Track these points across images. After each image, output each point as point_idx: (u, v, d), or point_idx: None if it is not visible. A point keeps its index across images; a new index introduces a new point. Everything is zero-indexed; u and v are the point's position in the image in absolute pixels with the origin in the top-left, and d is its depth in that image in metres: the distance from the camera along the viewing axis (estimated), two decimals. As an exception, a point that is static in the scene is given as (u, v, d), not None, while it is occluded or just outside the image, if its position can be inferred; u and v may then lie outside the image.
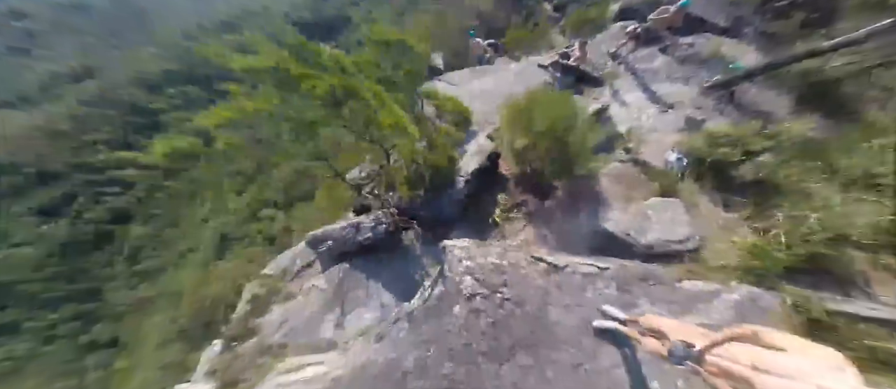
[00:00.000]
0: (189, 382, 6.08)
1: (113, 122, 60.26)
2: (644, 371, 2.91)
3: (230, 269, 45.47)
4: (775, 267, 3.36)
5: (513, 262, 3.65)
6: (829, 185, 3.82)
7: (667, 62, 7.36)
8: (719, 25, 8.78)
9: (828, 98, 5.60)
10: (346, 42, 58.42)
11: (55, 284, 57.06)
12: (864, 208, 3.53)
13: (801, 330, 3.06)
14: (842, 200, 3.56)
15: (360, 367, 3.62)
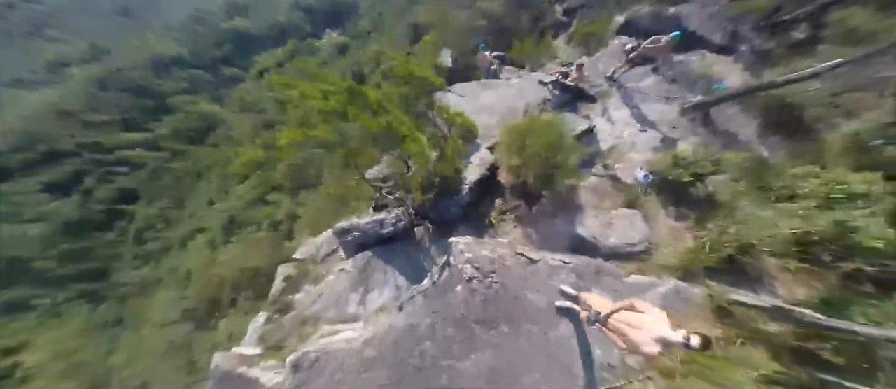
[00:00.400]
0: (240, 345, 7.58)
1: (122, 104, 62.74)
2: (589, 339, 4.16)
3: (238, 253, 47.88)
4: (702, 266, 4.53)
5: (501, 255, 4.90)
6: (757, 202, 4.92)
7: (656, 81, 8.35)
8: (715, 43, 9.65)
9: (791, 123, 6.59)
10: (353, 29, 58.87)
11: (63, 263, 60.79)
12: (781, 221, 4.64)
13: (711, 315, 4.26)
14: (762, 215, 4.66)
15: (386, 330, 4.96)
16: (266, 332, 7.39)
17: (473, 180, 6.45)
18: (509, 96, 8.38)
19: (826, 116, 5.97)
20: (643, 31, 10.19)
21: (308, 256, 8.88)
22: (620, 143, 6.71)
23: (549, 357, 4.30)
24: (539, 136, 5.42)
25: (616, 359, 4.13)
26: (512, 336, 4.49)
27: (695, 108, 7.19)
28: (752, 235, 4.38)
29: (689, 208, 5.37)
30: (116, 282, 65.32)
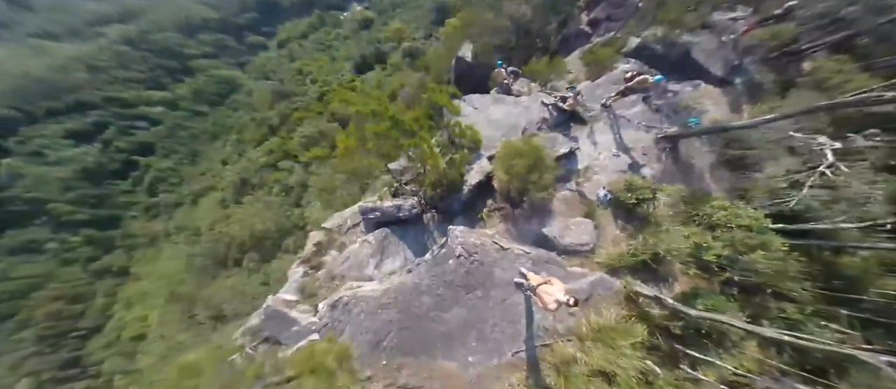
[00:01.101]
0: (283, 291, 10.18)
1: (148, 63, 66.92)
2: (533, 307, 6.38)
3: (249, 213, 51.62)
4: (625, 266, 6.62)
5: (483, 242, 7.12)
6: (676, 224, 6.90)
7: (643, 110, 10.11)
8: (714, 74, 11.17)
9: (736, 162, 8.38)
10: (378, 4, 59.85)
11: (79, 208, 67.03)
12: (692, 238, 6.63)
13: (621, 300, 6.40)
14: (679, 232, 6.66)
15: (397, 286, 7.32)
16: (303, 284, 9.99)
17: (473, 183, 8.62)
18: (515, 113, 10.33)
19: (761, 160, 7.73)
20: (654, 56, 11.74)
21: (335, 227, 11.38)
22: (594, 164, 8.67)
23: (505, 316, 6.58)
24: (524, 157, 7.48)
25: (549, 323, 6.36)
26: (482, 299, 6.77)
27: (666, 139, 9.01)
28: (663, 247, 6.41)
29: (631, 223, 7.39)
30: (127, 232, 71.44)
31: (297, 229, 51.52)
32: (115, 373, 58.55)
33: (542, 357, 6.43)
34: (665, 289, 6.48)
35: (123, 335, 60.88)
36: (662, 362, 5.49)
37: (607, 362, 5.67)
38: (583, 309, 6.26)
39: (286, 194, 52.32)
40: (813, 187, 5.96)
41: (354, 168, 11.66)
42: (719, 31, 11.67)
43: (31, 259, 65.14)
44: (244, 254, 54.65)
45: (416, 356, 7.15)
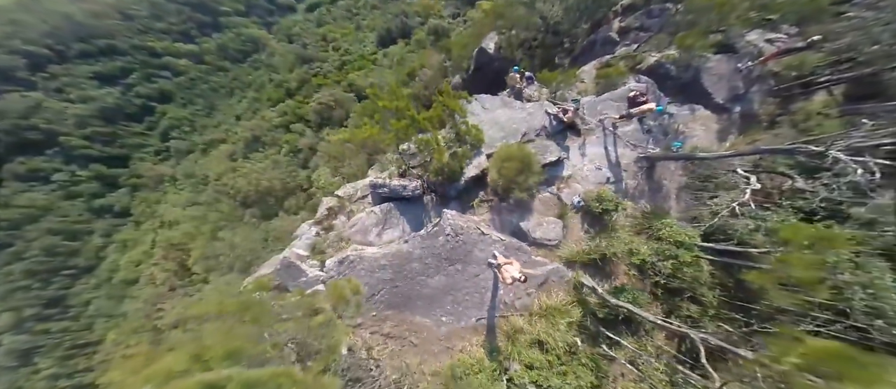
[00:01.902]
0: (296, 246, 12.28)
1: (181, 15, 69.25)
2: (499, 284, 8.32)
3: (257, 169, 54.74)
4: (579, 261, 8.48)
5: (469, 226, 9.03)
6: (632, 233, 8.67)
7: (634, 129, 11.67)
8: (715, 100, 12.53)
9: (698, 186, 10.01)
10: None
11: (91, 143, 70.79)
12: (641, 247, 8.42)
13: (570, 289, 8.29)
14: (622, 239, 8.45)
15: (394, 252, 9.34)
16: (314, 242, 12.07)
17: (470, 176, 10.46)
18: (518, 118, 12.02)
19: (716, 188, 9.37)
20: (667, 76, 12.98)
21: (346, 195, 13.39)
22: (577, 174, 10.40)
23: (476, 288, 8.57)
24: (514, 161, 9.27)
25: (508, 299, 8.31)
26: (460, 272, 8.75)
27: (646, 159, 10.64)
28: (610, 250, 8.23)
29: (594, 227, 9.19)
30: (134, 171, 75.34)
31: (300, 190, 54.42)
32: (99, 316, 62.87)
33: (498, 325, 8.45)
34: (606, 284, 8.34)
35: (116, 277, 65.23)
36: (587, 339, 7.43)
37: (546, 334, 7.65)
38: (536, 290, 8.20)
39: (294, 155, 55.17)
40: (736, 216, 7.60)
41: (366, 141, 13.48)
42: (739, 57, 12.79)
43: (36, 188, 69.87)
44: (246, 209, 58.02)
45: (400, 310, 9.26)
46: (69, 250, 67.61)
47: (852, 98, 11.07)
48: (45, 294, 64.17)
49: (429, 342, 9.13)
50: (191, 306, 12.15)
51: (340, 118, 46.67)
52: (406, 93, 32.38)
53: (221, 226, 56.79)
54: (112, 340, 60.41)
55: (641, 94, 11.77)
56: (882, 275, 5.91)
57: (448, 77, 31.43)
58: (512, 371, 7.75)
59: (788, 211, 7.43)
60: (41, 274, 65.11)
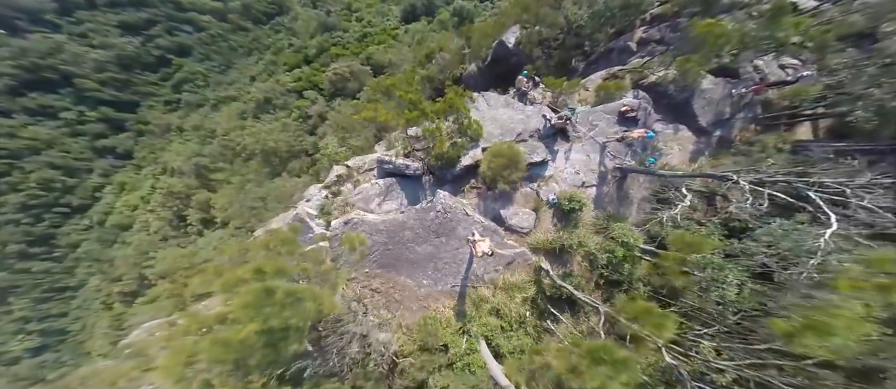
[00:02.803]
0: (307, 206, 14.47)
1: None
2: (472, 257, 10.46)
3: (265, 129, 57.17)
4: (543, 249, 10.57)
5: (457, 207, 11.12)
6: (592, 231, 10.70)
7: (618, 140, 13.52)
8: (699, 123, 14.23)
9: (657, 198, 11.92)
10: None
11: (104, 87, 73.18)
12: (589, 241, 10.47)
13: (531, 270, 10.41)
14: (582, 235, 10.49)
15: (391, 220, 11.51)
16: (323, 203, 14.22)
17: (465, 164, 12.47)
18: (517, 119, 13.93)
19: (661, 202, 11.30)
20: (663, 94, 14.55)
21: (355, 166, 15.47)
22: (558, 175, 12.36)
23: (454, 259, 10.71)
24: (503, 158, 11.26)
25: (480, 273, 10.44)
26: (444, 244, 10.87)
27: (621, 170, 12.55)
28: (568, 242, 10.28)
29: (561, 222, 11.22)
30: (141, 118, 77.86)
31: (305, 155, 56.68)
32: (85, 260, 65.40)
33: (468, 293, 10.61)
34: (560, 269, 10.43)
35: (109, 220, 67.94)
36: (535, 313, 9.57)
37: (503, 305, 9.80)
38: (503, 268, 10.32)
39: (303, 121, 57.35)
40: (672, 226, 9.56)
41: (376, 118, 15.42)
42: (736, 83, 14.32)
43: (43, 123, 72.82)
44: (248, 164, 60.55)
45: (388, 270, 11.46)
46: (66, 186, 70.59)
47: (834, 134, 12.59)
48: (33, 230, 66.96)
49: (409, 300, 11.36)
50: (249, 243, 14.31)
51: (354, 90, 48.39)
52: (422, 75, 33.79)
53: (216, 182, 59.48)
54: (94, 286, 64.32)
55: (632, 110, 13.60)
56: (727, 272, 8.00)
57: (464, 64, 32.95)
58: (472, 330, 9.97)
59: (714, 226, 9.36)
60: (34, 208, 68.05)
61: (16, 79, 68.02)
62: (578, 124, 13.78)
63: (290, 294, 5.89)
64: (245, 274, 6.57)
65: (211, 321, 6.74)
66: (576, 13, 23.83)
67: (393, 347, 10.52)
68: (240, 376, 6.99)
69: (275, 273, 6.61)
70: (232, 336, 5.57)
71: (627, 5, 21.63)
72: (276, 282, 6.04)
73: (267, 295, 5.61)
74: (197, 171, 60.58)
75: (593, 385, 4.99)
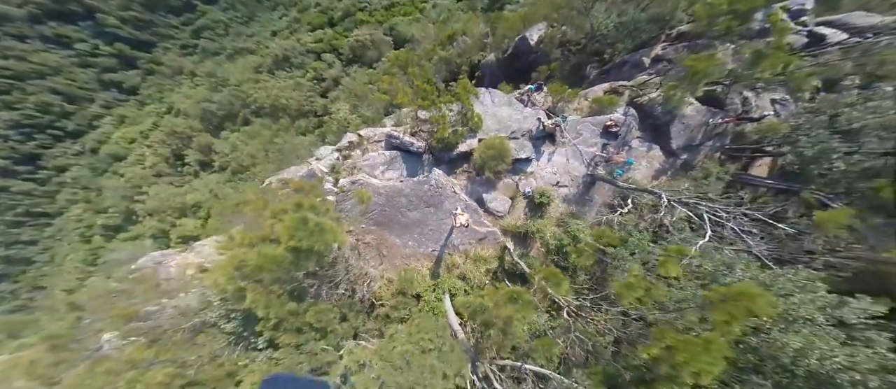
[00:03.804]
0: (320, 164, 17.13)
1: None
2: (452, 228, 13.14)
3: (279, 85, 60.23)
4: (512, 232, 13.23)
5: (448, 184, 13.75)
6: (554, 224, 13.30)
7: (596, 151, 15.94)
8: (671, 145, 16.52)
9: (615, 205, 14.44)
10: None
11: (124, 25, 75.40)
12: (546, 231, 13.08)
13: (498, 248, 13.09)
14: (547, 225, 13.11)
15: (390, 186, 14.16)
16: (334, 164, 16.83)
17: (461, 150, 14.97)
18: (515, 118, 16.31)
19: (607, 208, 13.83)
20: (649, 114, 16.75)
21: (366, 136, 18.01)
22: (538, 172, 14.86)
23: (438, 228, 13.40)
24: (493, 150, 13.76)
25: (456, 242, 13.10)
26: (432, 213, 13.53)
27: (591, 177, 15.03)
28: (531, 228, 12.89)
29: (532, 212, 13.81)
30: (155, 58, 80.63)
31: (313, 115, 59.01)
32: (71, 186, 66.95)
33: (444, 258, 13.30)
34: (521, 250, 13.07)
35: (103, 149, 70.15)
36: (494, 282, 12.25)
37: (470, 272, 12.51)
38: (476, 243, 12.99)
39: (317, 82, 59.43)
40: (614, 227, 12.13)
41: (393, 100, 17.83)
42: (715, 113, 16.45)
43: (55, 51, 75.15)
44: (256, 118, 63.01)
45: (381, 228, 14.14)
46: (63, 111, 72.64)
47: (782, 172, 14.77)
48: (22, 148, 68.90)
49: (394, 256, 14.09)
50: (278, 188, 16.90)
51: (372, 59, 50.27)
52: (441, 56, 35.69)
53: (220, 127, 61.77)
54: (75, 215, 65.83)
55: (616, 125, 15.95)
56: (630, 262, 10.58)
57: (484, 52, 34.83)
58: (441, 287, 12.72)
59: (647, 232, 11.92)
60: (27, 127, 70.06)
61: (40, 8, 69.92)
62: (567, 131, 16.18)
63: (318, 225, 8.53)
64: (288, 206, 9.22)
65: (256, 239, 9.45)
66: (603, 22, 24.80)
67: (375, 288, 13.35)
68: (264, 285, 9.79)
69: (309, 208, 9.23)
70: (271, 251, 8.26)
71: (656, 18, 22.66)
72: (309, 215, 8.67)
73: (303, 223, 8.23)
74: (203, 115, 62.85)
75: (506, 314, 7.64)
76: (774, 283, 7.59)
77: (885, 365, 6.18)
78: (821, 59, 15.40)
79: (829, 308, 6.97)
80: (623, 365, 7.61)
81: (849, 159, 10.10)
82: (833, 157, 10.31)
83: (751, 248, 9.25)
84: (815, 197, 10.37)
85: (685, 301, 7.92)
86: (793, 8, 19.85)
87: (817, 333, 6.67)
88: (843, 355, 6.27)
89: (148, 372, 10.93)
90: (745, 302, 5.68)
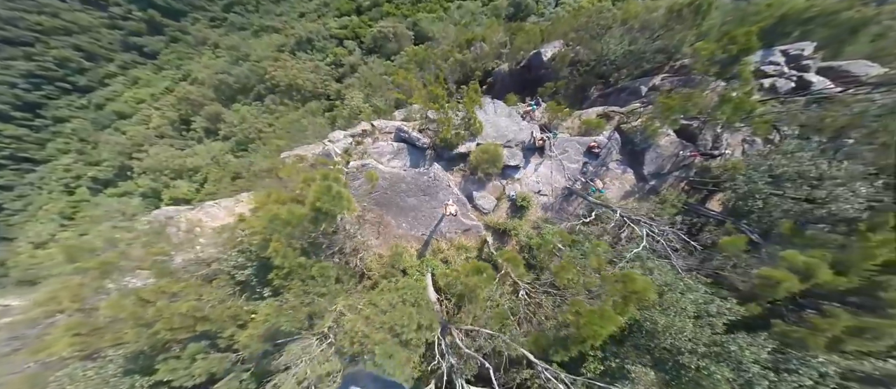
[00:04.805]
0: (333, 145, 19.86)
1: None
2: (442, 217, 15.82)
3: (298, 65, 63.53)
4: (494, 227, 15.90)
5: (444, 178, 16.42)
6: (530, 225, 15.93)
7: (577, 168, 18.54)
8: (642, 170, 19.04)
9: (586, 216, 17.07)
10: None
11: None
12: (526, 231, 15.73)
13: (481, 239, 15.78)
14: (520, 224, 15.77)
15: (395, 173, 16.82)
16: (347, 146, 19.55)
17: (460, 151, 17.59)
18: (512, 129, 18.90)
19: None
20: (629, 141, 19.34)
21: (377, 126, 20.72)
22: (523, 179, 17.45)
23: (430, 215, 16.08)
24: (487, 155, 16.40)
25: (444, 230, 15.79)
26: (427, 201, 16.20)
27: (569, 190, 17.63)
28: (510, 228, 15.53)
29: (513, 213, 16.44)
30: (182, 27, 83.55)
31: (325, 99, 61.61)
32: (67, 136, 68.24)
33: (431, 242, 15.96)
34: (498, 245, 15.70)
35: (110, 106, 72.65)
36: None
37: (451, 257, 15.17)
38: (460, 233, 15.64)
39: (335, 67, 62.08)
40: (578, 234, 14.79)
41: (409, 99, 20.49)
42: (685, 146, 18.93)
43: (89, 11, 77.93)
44: (269, 94, 65.71)
45: (381, 208, 16.80)
46: (79, 67, 75.44)
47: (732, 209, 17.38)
48: (27, 96, 70.52)
49: (388, 235, 16.75)
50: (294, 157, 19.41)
51: (391, 51, 52.93)
52: (457, 58, 38.27)
53: (233, 100, 64.33)
54: (64, 164, 67.10)
55: (599, 147, 18.51)
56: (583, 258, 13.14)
57: (499, 61, 37.30)
58: (426, 265, 15.39)
59: (606, 240, 14.57)
60: (38, 77, 72.29)
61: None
62: (555, 147, 18.79)
63: (339, 193, 11.18)
64: (317, 175, 11.91)
65: (286, 198, 12.12)
66: (613, 48, 26.98)
67: (367, 260, 16.03)
68: (286, 237, 12.46)
69: (333, 179, 11.88)
70: (298, 210, 10.94)
71: (664, 49, 24.75)
72: (333, 184, 11.33)
73: (328, 190, 10.88)
74: (218, 86, 65.40)
75: (473, 282, 10.25)
76: (674, 281, 10.21)
77: (715, 340, 8.82)
78: (786, 106, 17.79)
79: (701, 302, 9.58)
80: (552, 336, 10.21)
81: (770, 200, 12.62)
82: (757, 197, 12.83)
83: (672, 260, 11.80)
84: (735, 227, 12.95)
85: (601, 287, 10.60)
86: (791, 52, 22.18)
87: (679, 316, 9.35)
88: (690, 332, 8.94)
89: (173, 304, 13.64)
90: (629, 284, 8.25)
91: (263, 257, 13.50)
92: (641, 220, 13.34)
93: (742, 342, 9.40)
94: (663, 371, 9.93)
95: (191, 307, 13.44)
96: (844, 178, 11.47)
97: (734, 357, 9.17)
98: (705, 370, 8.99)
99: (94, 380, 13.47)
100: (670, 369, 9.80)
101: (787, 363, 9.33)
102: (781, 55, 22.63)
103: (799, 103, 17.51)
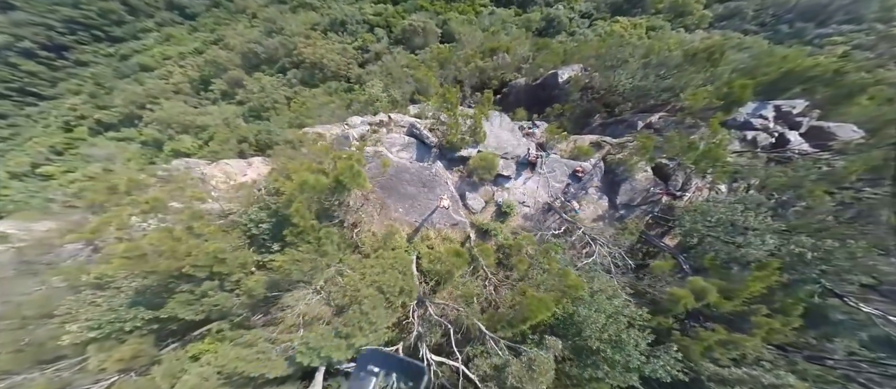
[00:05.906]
0: (353, 131, 23.16)
1: None
2: (436, 209, 19.04)
3: (328, 46, 66.90)
4: (479, 226, 19.13)
5: (444, 175, 19.62)
6: (507, 229, 19.12)
7: (561, 187, 21.67)
8: (615, 200, 22.15)
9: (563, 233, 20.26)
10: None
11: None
12: (504, 234, 18.94)
13: (465, 233, 19.03)
14: (501, 227, 18.97)
15: (402, 163, 19.94)
16: (363, 133, 22.84)
17: (462, 154, 20.72)
18: (511, 143, 21.97)
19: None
20: (610, 171, 22.48)
21: (393, 119, 23.98)
22: (512, 188, 20.55)
23: (426, 205, 19.23)
24: (485, 162, 19.58)
25: (435, 221, 19.02)
26: (426, 192, 19.40)
27: (549, 206, 20.76)
28: (492, 229, 18.73)
29: (497, 217, 19.60)
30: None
31: (345, 81, 64.55)
32: (84, 78, 71.49)
33: (422, 230, 19.20)
34: (480, 242, 18.90)
35: (135, 58, 76.22)
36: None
37: (437, 246, 18.39)
38: (450, 226, 18.86)
39: (361, 52, 64.78)
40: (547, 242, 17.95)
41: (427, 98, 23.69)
42: (657, 183, 21.97)
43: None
44: (292, 68, 68.70)
45: (384, 191, 19.99)
46: (119, 19, 79.55)
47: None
48: (58, 38, 73.88)
49: (385, 217, 19.93)
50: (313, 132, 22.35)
51: (417, 46, 55.81)
52: (478, 65, 41.33)
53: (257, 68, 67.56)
54: (71, 104, 69.88)
55: (583, 172, 21.62)
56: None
57: (517, 74, 40.17)
58: (413, 248, 18.63)
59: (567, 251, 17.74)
60: (74, 25, 76.03)
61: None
62: (545, 165, 21.94)
63: (358, 171, 14.43)
64: (343, 154, 15.18)
65: (315, 168, 15.40)
66: (624, 81, 29.09)
67: (362, 235, 19.28)
68: (307, 202, 15.70)
69: (356, 160, 15.11)
70: (323, 180, 14.20)
71: (670, 88, 26.64)
72: (355, 164, 14.56)
73: (350, 168, 14.10)
74: (245, 54, 68.37)
75: (450, 261, 13.43)
76: (606, 288, 13.46)
77: (618, 333, 12.12)
78: (751, 161, 20.80)
79: (620, 306, 12.81)
80: (503, 318, 13.41)
81: (705, 239, 15.75)
82: (694, 236, 15.96)
83: (612, 273, 14.97)
84: (672, 257, 16.17)
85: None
86: (783, 108, 24.32)
87: (598, 313, 12.63)
88: (601, 324, 12.24)
89: (204, 244, 16.78)
90: (565, 278, 11.39)
91: (284, 215, 16.73)
92: (598, 239, 16.49)
93: (633, 334, 12.65)
94: (576, 355, 13.13)
95: (216, 249, 16.49)
96: (762, 231, 14.53)
97: (624, 345, 12.40)
98: (603, 351, 12.19)
99: (102, 307, 15.12)
100: (581, 350, 12.98)
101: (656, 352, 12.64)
102: (773, 109, 24.59)
103: (762, 159, 20.50)
